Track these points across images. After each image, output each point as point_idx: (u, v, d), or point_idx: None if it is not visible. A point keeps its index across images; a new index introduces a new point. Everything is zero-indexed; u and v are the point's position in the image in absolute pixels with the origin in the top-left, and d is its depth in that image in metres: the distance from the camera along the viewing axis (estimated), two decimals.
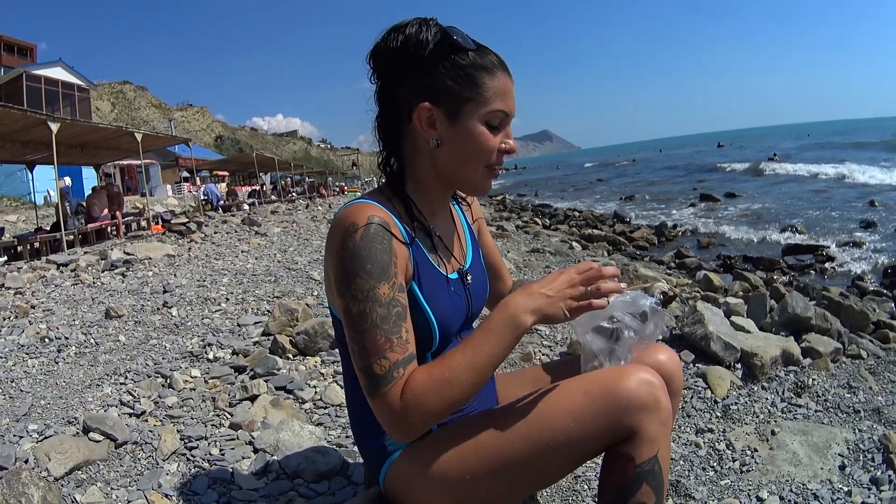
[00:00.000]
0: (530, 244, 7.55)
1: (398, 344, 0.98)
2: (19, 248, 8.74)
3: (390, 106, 1.09)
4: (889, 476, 1.72)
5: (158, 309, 4.11)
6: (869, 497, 1.64)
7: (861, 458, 1.85)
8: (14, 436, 2.09)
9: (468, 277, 1.20)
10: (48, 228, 10.26)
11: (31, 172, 12.11)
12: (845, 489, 1.68)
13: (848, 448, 1.90)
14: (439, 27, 1.04)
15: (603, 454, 1.06)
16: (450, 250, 1.19)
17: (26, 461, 1.81)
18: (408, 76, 1.05)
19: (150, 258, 6.77)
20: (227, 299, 4.31)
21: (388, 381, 0.96)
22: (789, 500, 1.65)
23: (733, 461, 1.85)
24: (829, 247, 8.58)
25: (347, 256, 0.98)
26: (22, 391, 2.68)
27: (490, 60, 1.05)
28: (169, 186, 29.94)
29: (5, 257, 8.15)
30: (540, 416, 1.04)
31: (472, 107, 1.04)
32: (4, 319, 4.12)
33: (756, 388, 2.32)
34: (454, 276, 1.17)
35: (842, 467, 1.80)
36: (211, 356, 2.92)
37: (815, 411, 2.16)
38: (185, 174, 31.05)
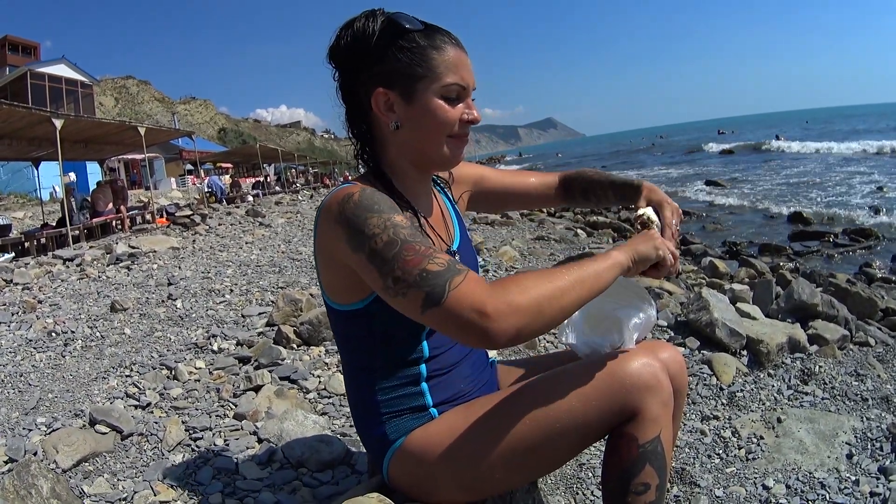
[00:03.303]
0: (535, 232, 7.52)
1: (439, 251, 0.94)
2: (26, 245, 8.78)
3: (352, 99, 1.12)
4: None
5: (163, 301, 4.12)
6: (877, 487, 1.62)
7: (869, 446, 1.83)
8: (23, 429, 2.11)
9: (457, 258, 1.20)
10: (54, 224, 10.30)
11: (37, 169, 12.15)
12: (853, 478, 1.66)
13: (855, 436, 1.88)
14: (385, 15, 1.07)
15: (607, 437, 1.06)
16: (436, 231, 1.20)
17: (35, 453, 1.83)
18: (361, 67, 1.08)
19: (155, 251, 6.80)
20: (232, 291, 4.32)
21: (456, 273, 0.89)
22: (796, 489, 1.63)
23: (739, 449, 1.84)
24: (836, 233, 8.53)
25: (351, 215, 0.98)
26: (30, 385, 2.70)
27: (438, 38, 1.07)
28: (173, 180, 29.99)
29: (13, 254, 8.20)
30: (545, 399, 1.04)
31: (425, 83, 1.06)
32: (13, 315, 4.15)
33: (762, 375, 2.31)
34: None
35: (849, 456, 1.78)
36: (215, 347, 2.93)
37: (822, 399, 2.14)
38: (189, 167, 31.11)
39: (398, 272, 0.91)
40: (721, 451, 1.83)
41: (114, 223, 10.92)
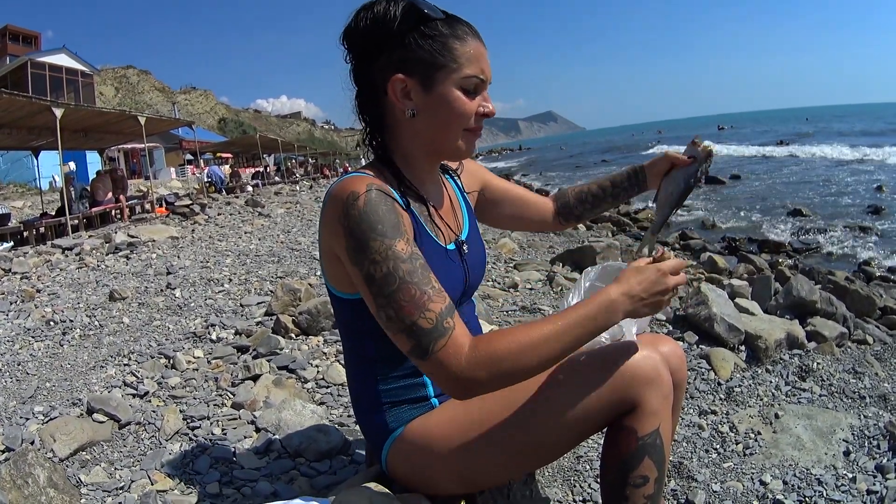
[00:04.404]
0: None
1: (435, 294, 0.95)
2: (25, 234, 8.76)
3: (367, 83, 1.10)
4: (895, 464, 1.69)
5: (162, 291, 4.12)
6: (874, 485, 1.61)
7: (866, 444, 1.83)
8: (21, 418, 2.11)
9: (465, 248, 1.19)
10: (53, 213, 10.27)
11: (37, 158, 12.10)
12: (850, 476, 1.66)
13: (853, 434, 1.88)
14: (407, 0, 1.04)
15: (605, 429, 1.06)
16: (445, 221, 1.18)
17: (32, 442, 1.83)
18: (380, 52, 1.05)
19: (154, 241, 6.79)
20: (231, 280, 4.32)
21: (442, 334, 0.93)
22: (793, 485, 1.63)
23: (736, 444, 1.84)
24: (835, 231, 8.52)
25: (355, 224, 0.96)
26: (28, 374, 2.70)
27: (460, 28, 1.06)
28: (173, 169, 29.91)
29: (12, 243, 8.18)
30: (544, 389, 1.04)
31: (445, 73, 1.04)
32: (11, 304, 4.14)
33: (760, 371, 2.31)
34: (451, 246, 1.16)
35: (846, 453, 1.78)
36: (214, 336, 2.93)
37: (820, 396, 2.14)
38: (189, 157, 31.03)
39: (391, 312, 0.94)
40: (718, 446, 1.83)
41: (113, 212, 10.89)
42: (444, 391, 0.96)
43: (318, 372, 2.35)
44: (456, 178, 1.34)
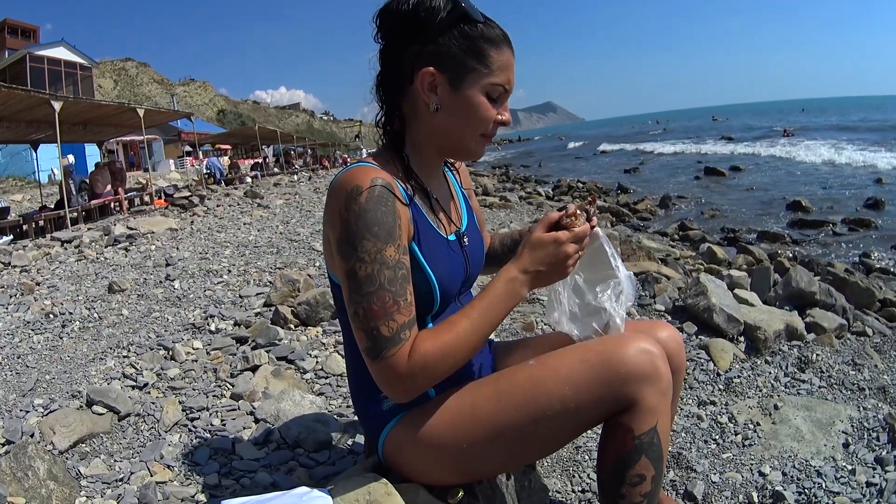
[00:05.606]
0: (533, 215, 7.52)
1: (404, 306, 0.99)
2: (25, 227, 8.74)
3: (393, 67, 1.09)
4: (895, 456, 1.69)
5: (161, 282, 4.11)
6: (874, 477, 1.62)
7: (866, 436, 1.83)
8: (20, 410, 2.11)
9: (465, 239, 1.20)
10: (52, 206, 10.24)
11: (36, 151, 12.04)
12: (849, 467, 1.66)
13: (852, 426, 1.88)
14: None
15: (602, 424, 1.05)
16: (446, 212, 1.19)
17: (32, 435, 1.83)
18: (415, 40, 1.05)
19: (153, 232, 6.78)
20: (230, 271, 4.31)
21: (396, 343, 0.97)
22: (792, 476, 1.64)
23: (735, 434, 1.84)
24: (835, 223, 8.51)
25: (353, 219, 0.97)
26: (28, 367, 2.70)
27: (496, 34, 1.06)
28: (172, 161, 29.85)
29: (11, 236, 8.17)
30: (536, 384, 1.03)
31: (476, 77, 1.04)
32: (11, 297, 4.13)
33: (759, 362, 2.31)
34: (452, 237, 1.17)
35: (845, 445, 1.78)
36: (213, 328, 2.92)
37: (819, 387, 2.14)
38: (188, 148, 30.97)
39: (360, 311, 0.99)
40: (717, 437, 1.84)
41: (112, 205, 10.86)
42: (385, 394, 1.02)
43: (316, 362, 2.35)
44: (455, 172, 1.34)
